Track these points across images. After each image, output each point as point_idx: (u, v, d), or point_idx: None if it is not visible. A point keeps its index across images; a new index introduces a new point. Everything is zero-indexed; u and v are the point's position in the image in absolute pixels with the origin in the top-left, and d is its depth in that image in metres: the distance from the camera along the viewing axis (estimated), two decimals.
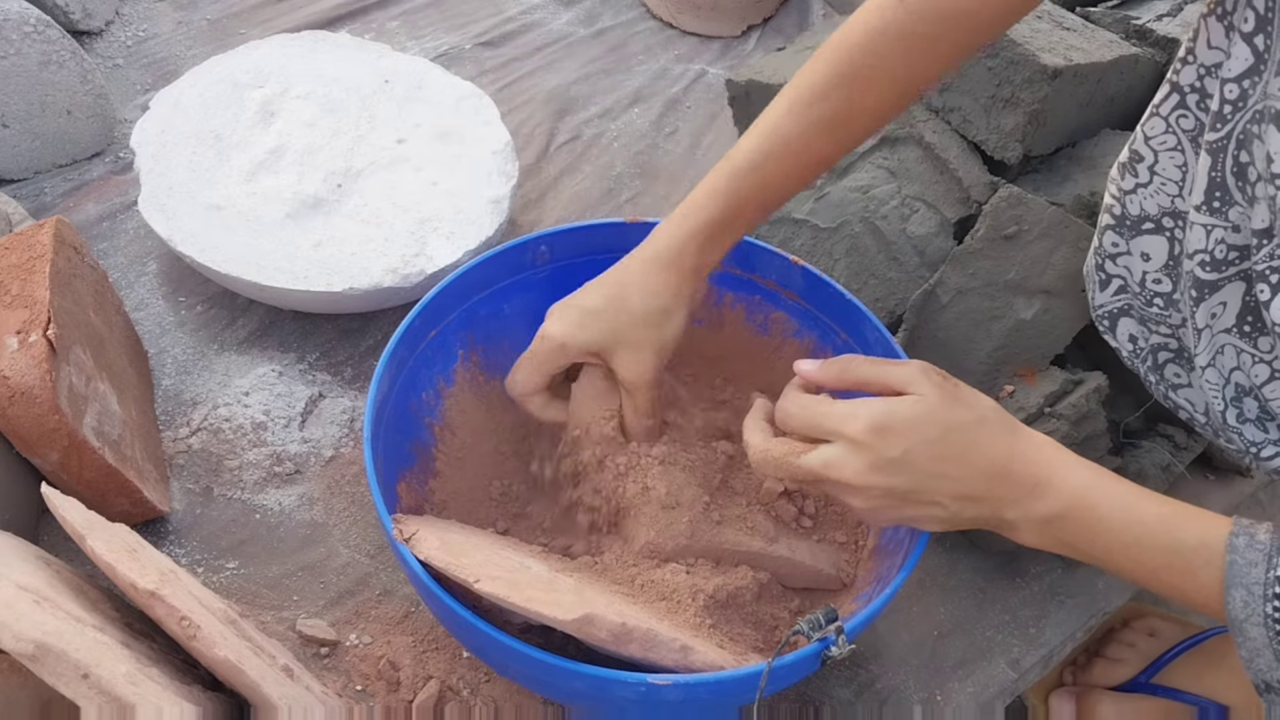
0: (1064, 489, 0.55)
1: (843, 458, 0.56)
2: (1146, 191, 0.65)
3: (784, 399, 0.60)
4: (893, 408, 0.55)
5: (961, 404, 0.56)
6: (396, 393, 0.72)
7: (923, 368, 0.57)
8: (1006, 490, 0.56)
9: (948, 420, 0.55)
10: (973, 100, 0.89)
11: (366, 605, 0.76)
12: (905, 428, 0.55)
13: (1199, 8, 0.58)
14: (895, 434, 0.55)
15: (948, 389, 0.56)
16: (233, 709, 0.57)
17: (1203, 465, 0.88)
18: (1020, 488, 0.56)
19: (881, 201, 0.89)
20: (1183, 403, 0.70)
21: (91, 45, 1.14)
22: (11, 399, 0.67)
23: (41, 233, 0.75)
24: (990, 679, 0.77)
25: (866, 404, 0.56)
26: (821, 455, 0.57)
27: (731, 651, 0.63)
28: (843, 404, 0.57)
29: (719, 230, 0.67)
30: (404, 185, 0.95)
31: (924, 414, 0.55)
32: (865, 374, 0.59)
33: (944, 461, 0.55)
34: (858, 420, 0.55)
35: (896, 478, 0.55)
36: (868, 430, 0.55)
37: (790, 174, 0.67)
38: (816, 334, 0.80)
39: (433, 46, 1.23)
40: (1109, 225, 0.69)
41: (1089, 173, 0.89)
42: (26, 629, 0.48)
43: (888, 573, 0.67)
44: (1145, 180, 0.65)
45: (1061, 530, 0.56)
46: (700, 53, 1.28)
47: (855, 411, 0.56)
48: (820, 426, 0.57)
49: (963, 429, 0.55)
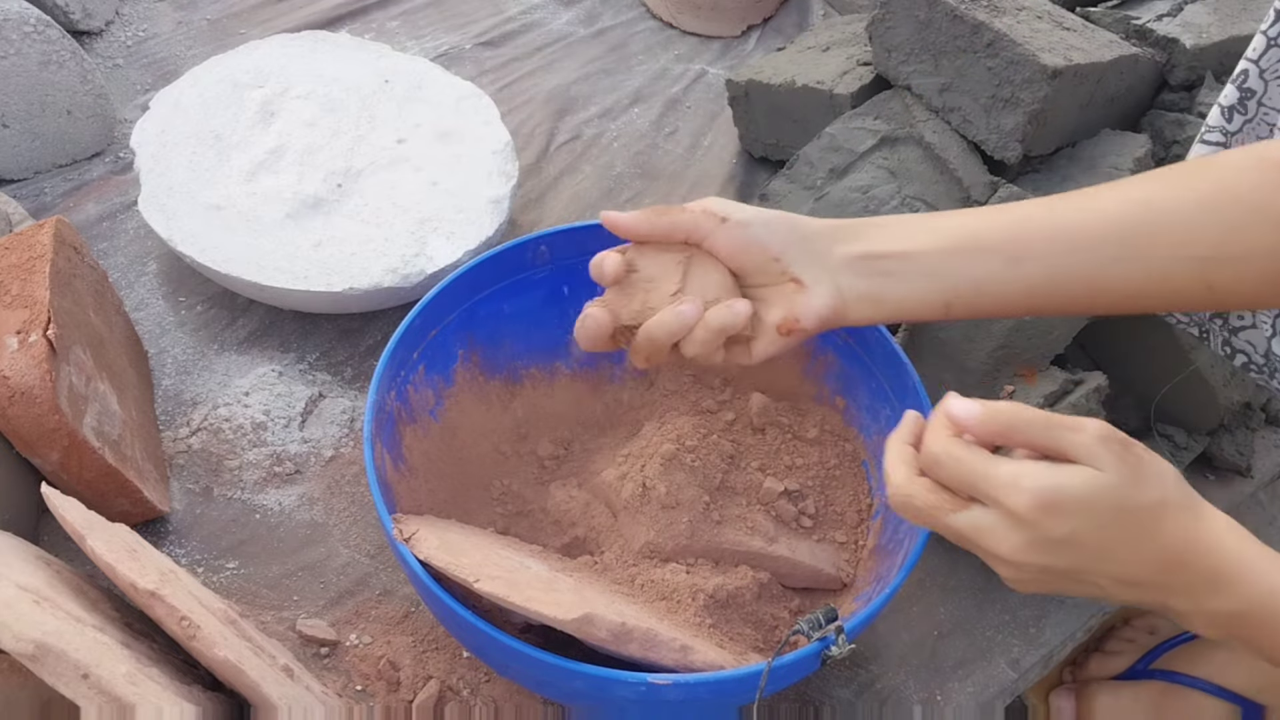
0: (1248, 588, 0.49)
1: (998, 529, 0.49)
2: (1250, 126, 0.65)
3: (933, 441, 0.51)
4: (1063, 482, 0.47)
5: (1143, 482, 0.48)
6: (397, 392, 0.72)
7: (1103, 436, 0.48)
8: (1179, 580, 0.49)
9: (1125, 502, 0.48)
10: (973, 100, 0.89)
11: (366, 605, 0.76)
12: (1076, 507, 0.47)
13: None
14: (1064, 513, 0.47)
15: (1129, 462, 0.48)
16: (233, 709, 0.57)
17: (1203, 465, 0.88)
18: (1196, 579, 0.49)
19: (881, 201, 0.89)
20: (1243, 345, 0.69)
21: (91, 45, 1.14)
22: (11, 399, 0.67)
23: (41, 233, 0.75)
24: (990, 679, 0.77)
25: (1033, 473, 0.48)
26: (973, 520, 0.50)
27: (731, 651, 0.63)
28: (1005, 468, 0.49)
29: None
30: (404, 185, 0.95)
31: (1099, 492, 0.48)
32: (1035, 438, 0.50)
33: (1113, 546, 0.48)
34: (1022, 494, 0.47)
35: (1057, 559, 0.49)
36: (1034, 507, 0.47)
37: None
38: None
39: (433, 46, 1.23)
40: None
41: (1089, 173, 0.89)
42: (26, 629, 0.48)
43: (888, 573, 0.67)
44: (1252, 114, 0.65)
45: (1240, 628, 0.50)
46: (700, 53, 1.28)
47: (1019, 481, 0.48)
48: (975, 488, 0.50)
49: (1140, 512, 0.48)
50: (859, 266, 0.60)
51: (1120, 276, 0.58)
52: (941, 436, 0.51)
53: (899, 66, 0.94)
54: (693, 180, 1.11)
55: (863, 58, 1.02)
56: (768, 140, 1.09)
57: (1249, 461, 0.88)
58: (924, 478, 0.52)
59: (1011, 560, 0.49)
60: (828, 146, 0.93)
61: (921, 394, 0.71)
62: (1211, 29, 0.94)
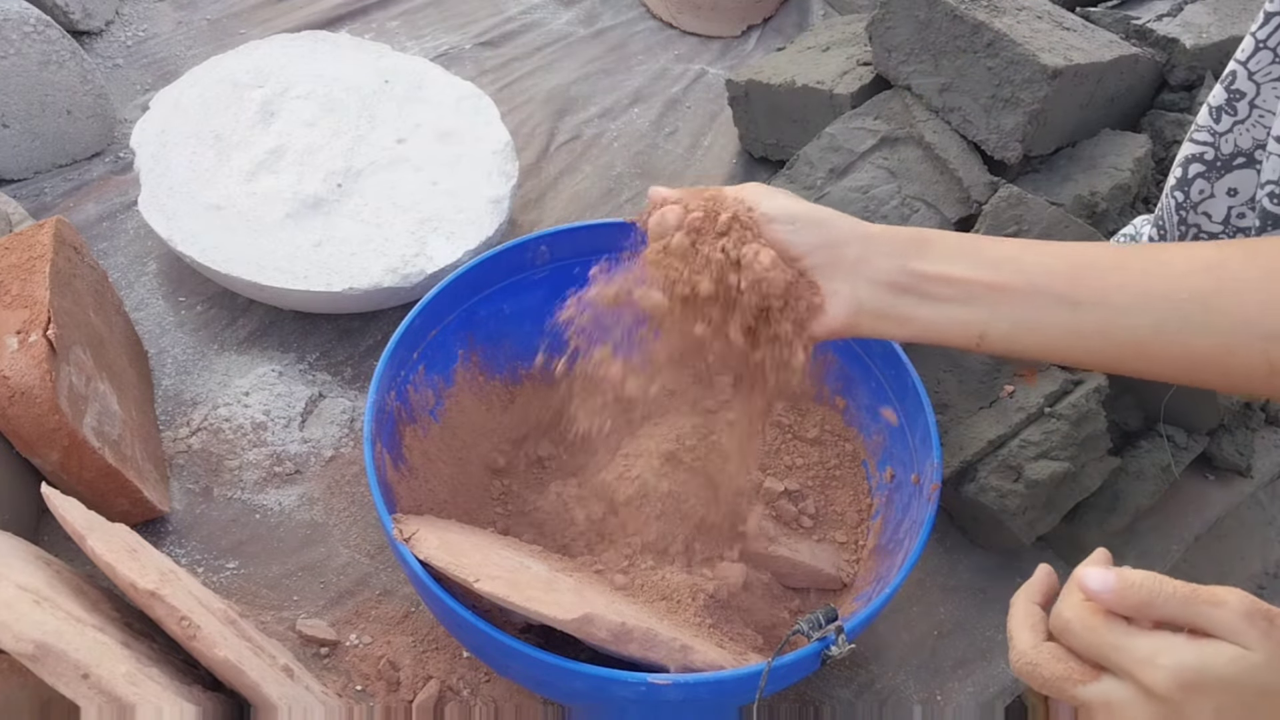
0: None
1: (1132, 704, 0.46)
2: (1243, 127, 0.65)
3: (1065, 607, 0.49)
4: (1207, 659, 0.44)
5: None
6: (397, 392, 0.72)
7: (1247, 611, 0.45)
8: None
9: (1273, 682, 0.45)
10: (973, 100, 0.89)
11: (366, 605, 0.76)
12: (1219, 686, 0.44)
13: None
14: (1205, 692, 0.44)
15: (1275, 638, 0.45)
16: (233, 709, 0.57)
17: (1203, 465, 0.88)
18: None
19: (882, 201, 0.89)
20: None
21: (91, 45, 1.14)
22: (11, 399, 0.67)
23: (41, 233, 0.75)
24: (990, 679, 0.77)
25: (1171, 647, 0.45)
26: (1105, 694, 0.47)
27: (731, 651, 0.63)
28: (1143, 642, 0.46)
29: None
30: (404, 185, 0.95)
31: (1244, 672, 0.44)
32: (1174, 613, 0.46)
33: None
34: (1161, 671, 0.45)
35: None
36: (1172, 685, 0.44)
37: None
38: None
39: (433, 46, 1.23)
40: (1199, 174, 0.68)
41: (1089, 173, 0.89)
42: (26, 629, 0.48)
43: (888, 573, 0.67)
44: (1244, 115, 0.64)
45: None
46: (700, 53, 1.28)
47: (1157, 658, 0.45)
48: (1109, 659, 0.47)
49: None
50: (897, 281, 0.58)
51: (1181, 343, 0.55)
52: (1075, 601, 0.49)
53: (899, 66, 0.94)
54: (693, 180, 1.11)
55: (863, 58, 1.02)
56: (768, 140, 1.09)
57: (1249, 461, 0.88)
58: (1051, 643, 0.50)
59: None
60: (828, 146, 0.93)
61: (922, 394, 0.71)
62: (1211, 29, 0.94)
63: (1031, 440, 0.76)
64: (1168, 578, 0.47)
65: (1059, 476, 0.75)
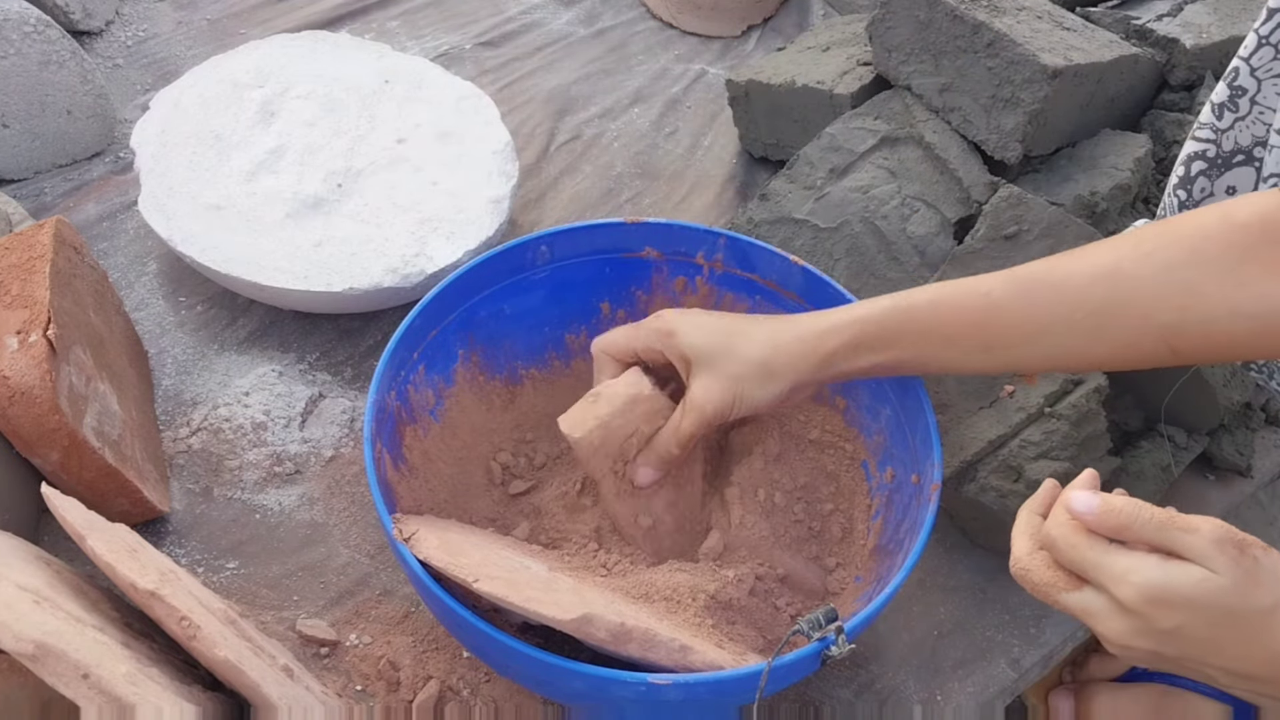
0: None
1: (1106, 614, 0.51)
2: (1243, 124, 0.66)
3: (1052, 524, 0.54)
4: (1172, 578, 0.49)
5: (1257, 586, 0.49)
6: (397, 392, 0.72)
7: (1217, 538, 0.49)
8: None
9: (1238, 604, 0.49)
10: (973, 100, 0.89)
11: (366, 605, 0.76)
12: (1184, 603, 0.49)
13: None
14: (1171, 608, 0.49)
15: (1244, 565, 0.49)
16: (233, 709, 0.57)
17: (1203, 465, 0.88)
18: None
19: (882, 201, 0.89)
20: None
21: (91, 45, 1.14)
22: (11, 399, 0.67)
23: (41, 233, 0.74)
24: (990, 679, 0.77)
25: (1142, 566, 0.50)
26: (1083, 602, 0.52)
27: (731, 651, 0.63)
28: (1118, 560, 0.51)
29: (874, 339, 0.65)
30: (404, 185, 0.95)
31: (1209, 593, 0.49)
32: (1150, 537, 0.51)
33: (1223, 643, 0.50)
34: (1129, 587, 0.49)
35: (1163, 647, 0.50)
36: (1140, 600, 0.49)
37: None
38: None
39: (433, 46, 1.23)
40: (1201, 171, 0.69)
41: (1089, 173, 0.89)
42: (26, 629, 0.48)
43: (888, 573, 0.67)
44: (1245, 112, 0.65)
45: None
46: (700, 53, 1.28)
47: (1128, 575, 0.50)
48: (1087, 574, 0.52)
49: (1253, 614, 0.49)
50: (820, 379, 0.66)
51: (1086, 353, 0.60)
52: (1061, 519, 0.53)
53: (899, 66, 0.94)
54: (693, 180, 1.11)
55: (863, 58, 1.01)
56: (768, 140, 1.09)
57: (1249, 461, 0.88)
58: (1043, 553, 0.54)
59: (1116, 642, 0.51)
60: (828, 146, 0.93)
61: (922, 394, 0.71)
62: (1211, 29, 0.94)
63: (1032, 440, 0.76)
64: (1147, 504, 0.51)
65: (1059, 476, 0.75)
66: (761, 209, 0.92)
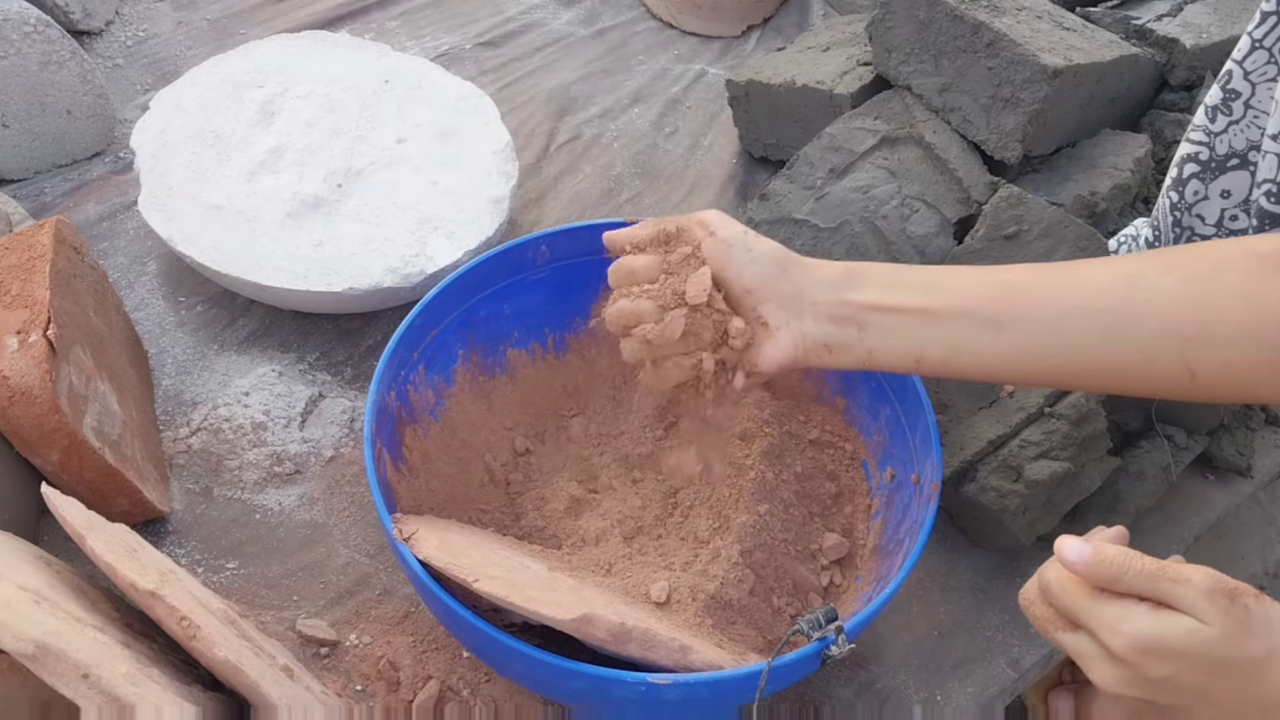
0: None
1: (1097, 660, 0.51)
2: (1237, 128, 0.65)
3: (1048, 567, 0.54)
4: (1164, 630, 0.49)
5: (1249, 635, 0.49)
6: (397, 392, 0.72)
7: (1209, 590, 0.49)
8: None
9: (1229, 654, 0.49)
10: (973, 100, 0.89)
11: (366, 605, 0.76)
12: (1174, 655, 0.49)
13: None
14: (1161, 658, 0.49)
15: (1235, 615, 0.49)
16: (233, 709, 0.57)
17: (1202, 465, 0.88)
18: None
19: (882, 201, 0.89)
20: None
21: (91, 45, 1.14)
22: (11, 399, 0.67)
23: (41, 233, 0.75)
24: (990, 679, 0.77)
25: (1132, 616, 0.49)
26: (1076, 645, 0.52)
27: (731, 651, 0.63)
28: (1108, 609, 0.50)
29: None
30: (404, 185, 0.95)
31: (1200, 644, 0.48)
32: (1141, 588, 0.50)
33: (1214, 691, 0.50)
34: (1120, 637, 0.49)
35: (1154, 694, 0.50)
36: (1130, 650, 0.49)
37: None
38: None
39: (433, 46, 1.23)
40: (1194, 174, 0.69)
41: (1089, 173, 0.89)
42: (26, 629, 0.48)
43: (888, 573, 0.67)
44: (1239, 116, 0.65)
45: None
46: (700, 53, 1.28)
47: (1119, 625, 0.49)
48: (1079, 621, 0.52)
49: (1246, 663, 0.49)
50: (837, 313, 0.60)
51: (1102, 354, 0.58)
52: (1057, 566, 0.53)
53: (899, 66, 0.94)
54: (693, 180, 1.11)
55: (863, 58, 1.01)
56: (768, 140, 1.09)
57: (1249, 461, 0.88)
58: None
59: (1107, 688, 0.51)
60: (828, 146, 0.93)
61: (922, 394, 0.71)
62: (1211, 29, 0.94)
63: (1031, 440, 0.76)
64: (1138, 554, 0.51)
65: (1059, 476, 0.75)
66: (761, 209, 0.92)
